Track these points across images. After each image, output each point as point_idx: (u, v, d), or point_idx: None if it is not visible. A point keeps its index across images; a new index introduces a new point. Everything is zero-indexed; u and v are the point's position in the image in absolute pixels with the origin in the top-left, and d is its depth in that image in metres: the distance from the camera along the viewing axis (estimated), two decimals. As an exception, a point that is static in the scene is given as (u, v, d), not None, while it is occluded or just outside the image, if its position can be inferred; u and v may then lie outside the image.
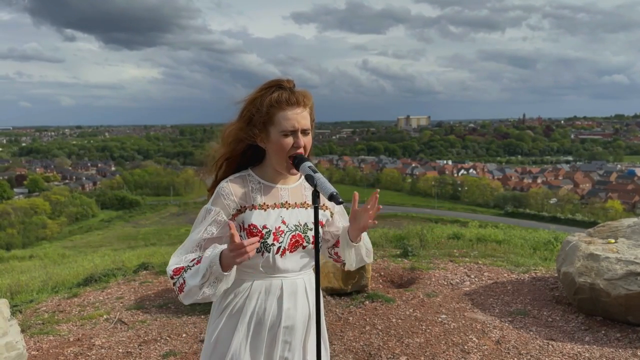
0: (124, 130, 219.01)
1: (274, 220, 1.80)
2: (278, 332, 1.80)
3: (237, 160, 1.90)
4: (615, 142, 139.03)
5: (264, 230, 1.78)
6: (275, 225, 1.80)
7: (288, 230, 1.82)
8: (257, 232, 1.78)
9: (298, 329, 1.83)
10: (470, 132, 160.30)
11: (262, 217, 1.80)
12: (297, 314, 1.82)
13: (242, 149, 1.87)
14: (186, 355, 4.08)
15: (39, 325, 4.97)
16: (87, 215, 72.02)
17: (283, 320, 1.80)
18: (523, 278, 5.74)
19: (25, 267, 12.99)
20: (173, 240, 29.08)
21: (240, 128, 1.84)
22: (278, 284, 1.82)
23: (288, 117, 1.77)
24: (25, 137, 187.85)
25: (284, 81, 1.82)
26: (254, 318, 1.79)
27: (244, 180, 1.84)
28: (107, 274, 6.81)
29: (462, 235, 9.41)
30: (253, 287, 1.81)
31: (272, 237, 1.78)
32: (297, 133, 1.79)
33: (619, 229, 5.16)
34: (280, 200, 1.85)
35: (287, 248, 1.81)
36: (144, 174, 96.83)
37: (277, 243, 1.79)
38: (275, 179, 1.87)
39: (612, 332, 4.23)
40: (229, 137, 1.87)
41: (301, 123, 1.79)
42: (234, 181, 1.83)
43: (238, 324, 1.79)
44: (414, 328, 4.41)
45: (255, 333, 1.80)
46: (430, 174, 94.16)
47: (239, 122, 1.85)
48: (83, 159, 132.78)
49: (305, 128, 1.80)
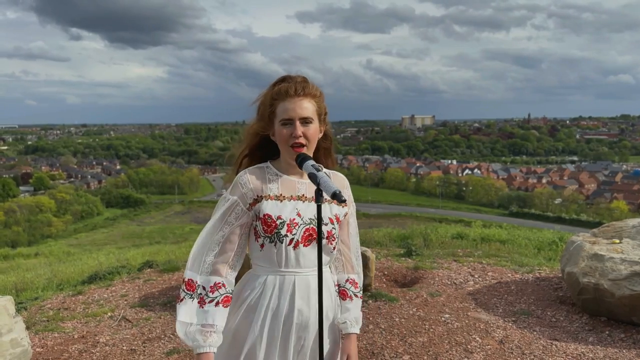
0: (129, 128, 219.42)
1: (289, 212, 1.82)
2: (292, 328, 1.82)
3: (258, 155, 1.94)
4: (620, 142, 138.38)
5: (278, 220, 1.79)
6: (290, 217, 1.81)
7: (302, 223, 1.82)
8: (272, 222, 1.79)
9: (311, 326, 1.84)
10: (475, 132, 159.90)
11: (278, 208, 1.81)
12: (311, 313, 1.83)
13: (258, 142, 1.92)
14: (190, 352, 4.09)
15: (43, 322, 5.00)
16: (92, 213, 72.31)
17: (295, 317, 1.81)
18: (527, 278, 5.72)
19: (31, 264, 13.06)
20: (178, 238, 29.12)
21: (255, 123, 1.91)
22: (291, 281, 1.82)
23: (286, 107, 1.81)
24: (31, 136, 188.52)
25: (291, 76, 1.86)
26: (269, 313, 1.81)
27: (261, 171, 1.87)
28: (111, 271, 6.84)
29: (466, 235, 9.40)
30: (267, 283, 1.82)
31: (285, 228, 1.80)
32: (294, 122, 1.80)
33: (623, 229, 5.15)
34: (297, 192, 1.86)
35: (301, 241, 1.81)
36: (149, 172, 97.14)
37: (290, 235, 1.80)
38: (292, 172, 1.88)
39: (616, 333, 4.22)
40: (246, 133, 1.94)
41: (298, 112, 1.80)
42: (252, 171, 1.86)
43: (254, 319, 1.81)
44: (417, 327, 4.41)
45: (270, 327, 1.81)
46: (434, 174, 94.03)
47: (256, 118, 1.92)
48: (88, 158, 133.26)
49: (305, 116, 1.81)
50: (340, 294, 2.02)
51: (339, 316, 1.98)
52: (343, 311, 1.99)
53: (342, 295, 2.01)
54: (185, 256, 9.47)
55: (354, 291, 2.02)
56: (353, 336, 1.97)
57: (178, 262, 7.19)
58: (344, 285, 2.02)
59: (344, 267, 2.04)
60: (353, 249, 2.04)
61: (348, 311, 1.98)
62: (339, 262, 2.04)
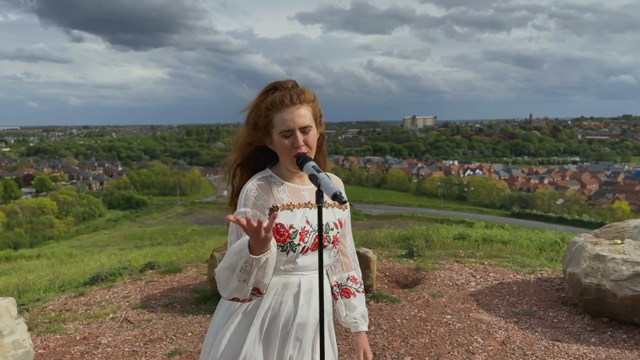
0: (130, 130, 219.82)
1: (299, 220, 1.81)
2: (291, 329, 1.82)
3: (252, 164, 1.91)
4: (622, 142, 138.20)
5: (290, 230, 1.79)
6: (301, 225, 1.81)
7: (312, 230, 1.82)
8: (284, 232, 1.78)
9: (310, 326, 1.84)
10: (477, 133, 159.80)
11: (289, 217, 1.80)
12: (310, 312, 1.84)
13: (251, 151, 1.88)
14: (191, 354, 4.09)
15: (45, 323, 5.00)
16: (94, 214, 72.36)
17: (297, 316, 1.81)
18: (529, 279, 5.72)
19: (33, 266, 13.07)
20: (180, 239, 29.13)
21: (248, 133, 1.86)
22: (296, 281, 1.83)
23: (284, 118, 1.77)
24: (32, 137, 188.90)
25: (282, 82, 1.82)
26: (269, 313, 1.81)
27: (267, 181, 1.84)
28: (113, 273, 6.84)
29: (467, 235, 9.39)
30: (271, 284, 1.81)
31: (298, 237, 1.79)
32: (294, 133, 1.78)
33: (625, 230, 5.14)
34: (304, 200, 1.86)
35: (311, 247, 1.82)
36: (150, 173, 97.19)
37: (302, 243, 1.80)
38: (294, 179, 1.88)
39: (619, 334, 4.21)
40: (238, 143, 1.89)
41: (297, 122, 1.78)
42: (259, 183, 1.82)
43: (253, 320, 1.80)
44: (419, 328, 4.41)
45: (268, 330, 1.81)
46: (436, 175, 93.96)
47: (246, 128, 1.86)
48: (90, 159, 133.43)
49: (304, 125, 1.79)
50: (343, 293, 2.04)
51: (342, 315, 2.02)
52: (350, 309, 2.01)
53: (345, 294, 2.04)
54: (187, 257, 9.51)
55: (356, 287, 2.06)
56: (363, 333, 2.03)
57: (180, 264, 7.20)
58: (345, 283, 2.04)
59: (343, 266, 2.06)
60: (350, 246, 2.07)
61: (355, 308, 2.01)
62: (338, 262, 2.06)
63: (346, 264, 2.06)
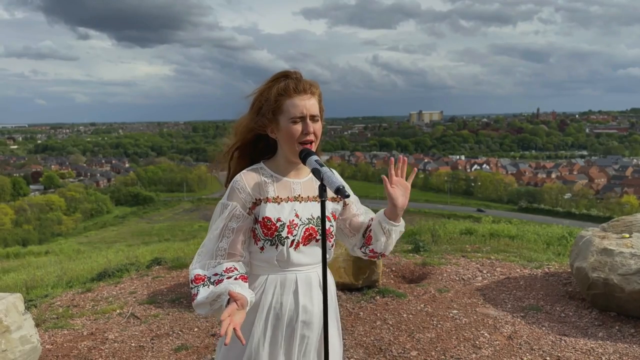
0: (137, 127, 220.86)
1: (287, 214, 1.81)
2: (296, 326, 1.81)
3: (249, 151, 1.91)
4: (631, 136, 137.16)
5: (277, 223, 1.79)
6: (289, 219, 1.81)
7: (301, 223, 1.82)
8: (272, 225, 1.78)
9: (315, 322, 1.84)
10: (484, 127, 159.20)
11: (276, 210, 1.80)
12: (314, 309, 1.83)
13: (252, 138, 1.88)
14: (198, 349, 4.11)
15: (53, 319, 5.04)
16: (102, 211, 72.81)
17: (300, 314, 1.81)
18: (536, 273, 5.69)
19: (41, 262, 13.16)
20: (187, 235, 29.26)
21: (250, 119, 1.85)
22: (292, 278, 1.83)
23: (296, 104, 1.78)
24: (40, 135, 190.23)
25: (291, 72, 1.83)
26: (271, 312, 1.80)
27: (257, 173, 1.84)
28: (120, 269, 6.88)
29: (475, 230, 9.37)
30: (268, 282, 1.82)
31: (286, 230, 1.79)
32: (305, 119, 1.79)
33: (633, 224, 5.09)
34: (293, 193, 1.85)
35: (301, 241, 1.82)
36: (157, 170, 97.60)
37: (290, 236, 1.80)
38: (288, 172, 1.87)
39: (626, 328, 4.19)
40: (240, 127, 1.89)
41: (309, 109, 1.79)
42: (248, 174, 1.83)
43: (255, 319, 1.80)
44: (425, 323, 4.40)
45: (273, 328, 1.81)
46: (443, 170, 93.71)
47: (250, 113, 1.86)
48: (97, 156, 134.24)
49: (314, 114, 1.80)
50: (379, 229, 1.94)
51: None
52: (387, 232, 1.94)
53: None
54: (194, 252, 9.52)
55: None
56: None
57: (186, 259, 7.22)
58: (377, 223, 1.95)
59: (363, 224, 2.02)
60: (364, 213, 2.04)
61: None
62: (361, 227, 2.01)
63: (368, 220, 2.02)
